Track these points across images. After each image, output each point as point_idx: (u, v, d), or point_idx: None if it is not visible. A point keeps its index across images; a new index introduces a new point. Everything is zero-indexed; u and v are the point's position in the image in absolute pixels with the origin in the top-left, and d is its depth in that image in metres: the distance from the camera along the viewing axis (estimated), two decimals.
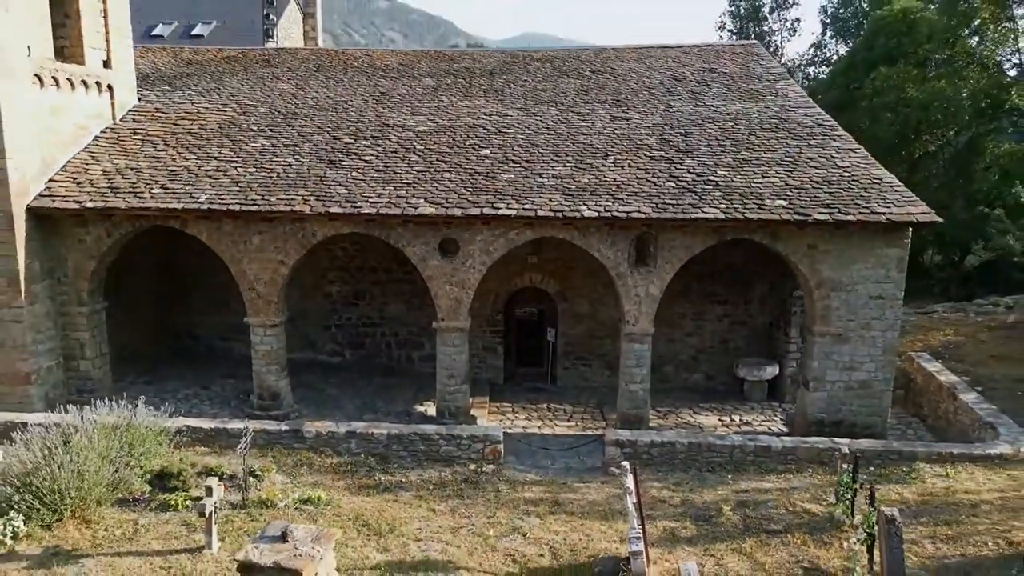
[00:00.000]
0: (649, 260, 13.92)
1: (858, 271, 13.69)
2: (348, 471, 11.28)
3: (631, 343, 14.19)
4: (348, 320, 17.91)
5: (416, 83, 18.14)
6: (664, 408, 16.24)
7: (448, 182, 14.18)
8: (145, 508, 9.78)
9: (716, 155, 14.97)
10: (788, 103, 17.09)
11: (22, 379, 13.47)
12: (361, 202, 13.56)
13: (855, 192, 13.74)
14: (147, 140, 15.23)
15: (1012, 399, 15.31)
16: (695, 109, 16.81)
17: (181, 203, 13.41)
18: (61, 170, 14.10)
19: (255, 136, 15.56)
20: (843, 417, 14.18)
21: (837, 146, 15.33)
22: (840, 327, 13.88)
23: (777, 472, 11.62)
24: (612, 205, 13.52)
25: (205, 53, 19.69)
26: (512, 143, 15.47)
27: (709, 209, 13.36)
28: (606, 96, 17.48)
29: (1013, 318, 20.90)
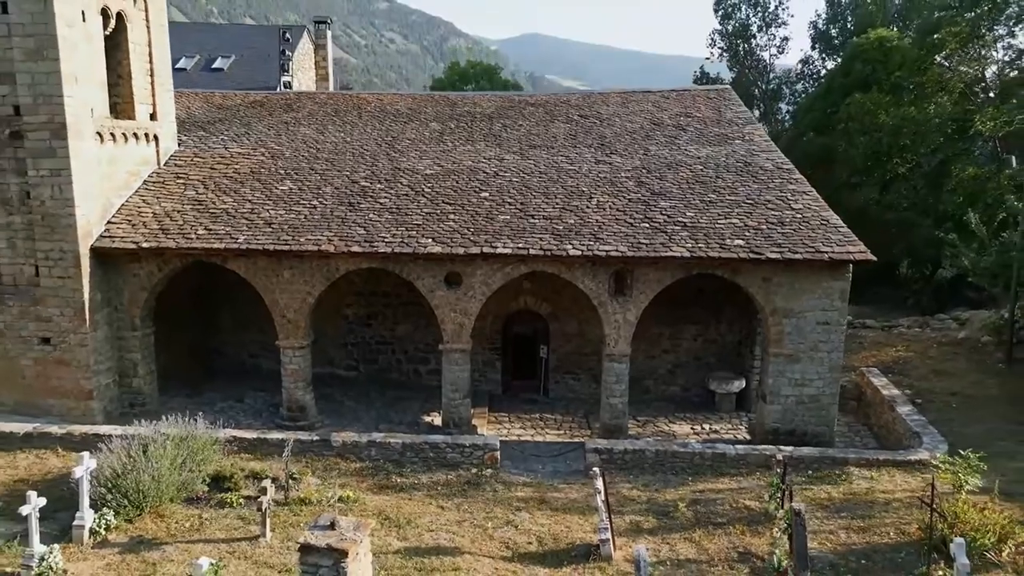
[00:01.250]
0: (626, 291, 16.09)
1: (807, 301, 15.85)
2: (370, 474, 13.47)
3: (611, 362, 16.37)
4: (363, 338, 20.07)
5: (423, 127, 20.33)
6: (643, 417, 18.38)
7: (452, 223, 16.37)
8: (206, 505, 11.96)
9: (686, 197, 17.15)
10: (753, 147, 19.28)
11: (85, 395, 15.64)
12: (378, 241, 15.75)
13: (804, 232, 15.93)
14: (189, 184, 17.43)
15: (945, 410, 17.54)
16: (670, 153, 19.00)
17: (223, 243, 15.60)
18: (117, 213, 16.28)
19: (283, 179, 17.75)
20: (796, 426, 16.33)
21: (793, 188, 17.52)
22: (792, 349, 16.04)
23: (730, 475, 13.81)
24: (594, 244, 15.71)
25: (233, 98, 21.90)
26: (508, 186, 17.65)
27: (677, 248, 15.54)
28: (592, 140, 19.68)
29: (963, 335, 23.09)
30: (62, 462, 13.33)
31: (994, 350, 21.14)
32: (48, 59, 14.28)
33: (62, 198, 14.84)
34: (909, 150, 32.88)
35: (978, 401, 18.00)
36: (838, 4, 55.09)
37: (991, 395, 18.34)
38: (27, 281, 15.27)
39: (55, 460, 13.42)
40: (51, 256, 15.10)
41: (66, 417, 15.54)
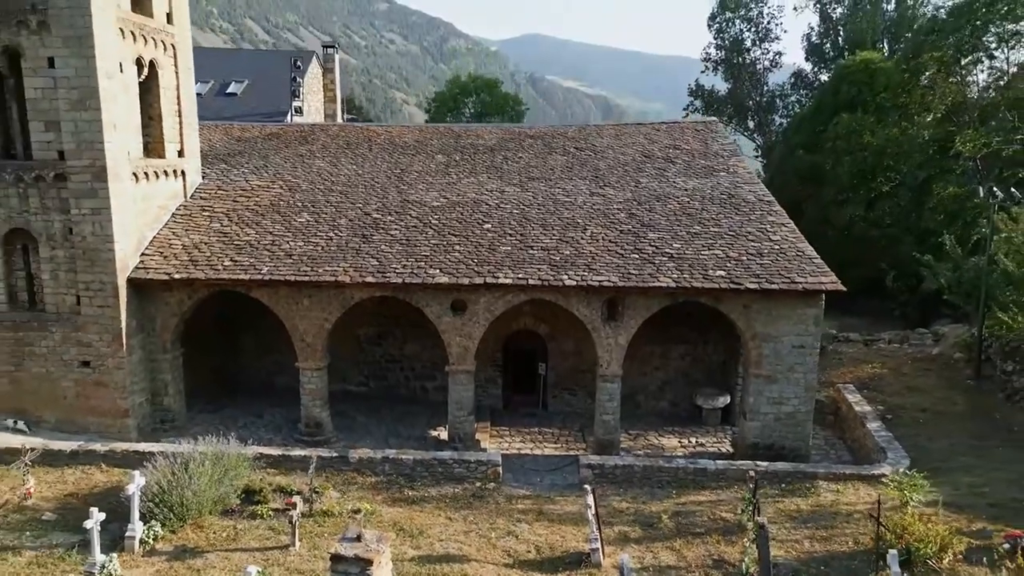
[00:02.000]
0: (618, 317, 17.51)
1: (783, 326, 17.27)
2: (384, 487, 14.89)
3: (604, 382, 17.80)
4: (373, 357, 21.48)
5: (430, 160, 21.76)
6: (635, 431, 19.78)
7: (458, 253, 17.79)
8: (239, 517, 13.37)
9: (673, 229, 18.58)
10: (737, 179, 20.72)
11: (122, 413, 17.07)
12: (390, 272, 17.17)
13: (781, 264, 17.36)
14: (214, 216, 18.86)
15: (913, 426, 18.96)
16: (659, 185, 20.43)
17: (248, 275, 17.03)
18: (150, 245, 17.71)
19: (300, 211, 19.18)
20: (774, 441, 17.76)
21: (772, 220, 18.96)
22: (770, 370, 17.47)
23: (711, 488, 15.24)
24: (588, 274, 17.14)
25: (251, 130, 23.33)
26: (509, 218, 19.08)
27: (664, 278, 16.98)
28: (587, 173, 21.11)
29: (937, 351, 24.52)
30: (106, 477, 14.75)
31: (964, 367, 22.55)
32: (91, 109, 15.70)
33: (102, 234, 16.27)
34: (893, 169, 34.31)
35: (945, 417, 19.41)
36: (830, 19, 56.52)
37: (957, 411, 19.75)
38: (69, 310, 16.69)
39: (100, 475, 14.83)
40: (91, 287, 16.52)
41: (104, 434, 16.96)
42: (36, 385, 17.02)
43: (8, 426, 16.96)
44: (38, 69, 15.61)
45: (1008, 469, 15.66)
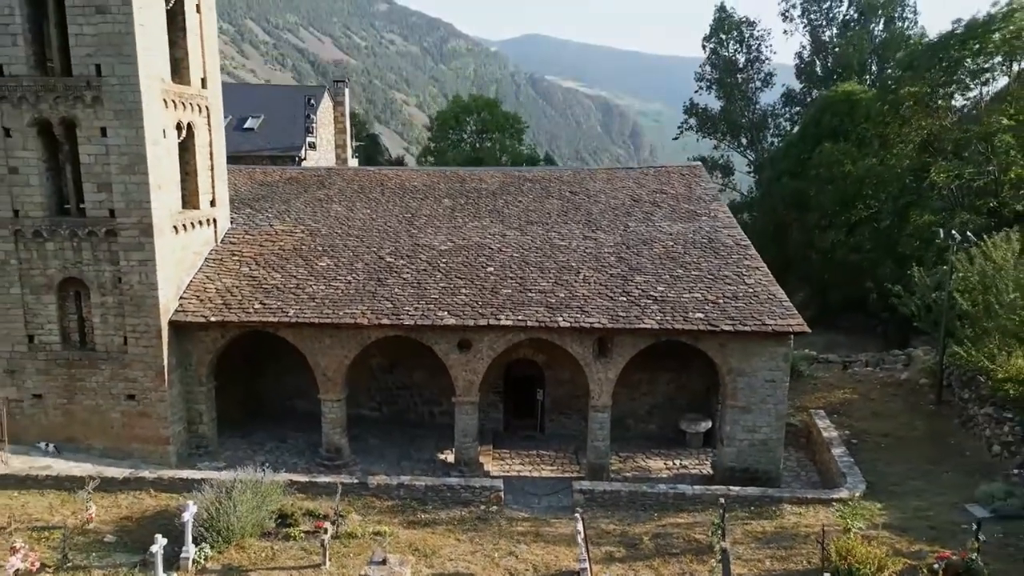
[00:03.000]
0: (608, 353, 19.50)
1: (756, 362, 19.27)
2: (399, 511, 16.88)
3: (595, 412, 19.79)
4: (385, 384, 23.47)
5: (437, 204, 23.76)
6: (625, 453, 21.77)
7: (464, 296, 19.79)
8: (275, 539, 15.35)
9: (658, 272, 20.58)
10: (717, 223, 22.71)
11: (163, 441, 19.07)
12: (403, 315, 19.17)
13: (754, 306, 19.36)
14: (243, 261, 20.85)
15: (875, 450, 20.97)
16: (647, 229, 22.43)
17: (276, 317, 19.02)
18: (187, 289, 19.70)
19: (321, 256, 21.18)
20: (748, 465, 19.76)
21: (747, 264, 20.95)
22: (744, 402, 19.47)
23: (688, 511, 17.22)
24: (580, 316, 19.14)
25: (272, 174, 25.34)
26: (510, 261, 21.07)
27: (648, 320, 18.98)
28: (580, 216, 23.11)
29: (905, 375, 26.51)
30: (155, 501, 16.74)
31: (928, 391, 24.52)
32: (138, 173, 17.70)
33: (147, 283, 18.27)
34: (872, 197, 36.35)
35: (905, 442, 21.41)
36: (820, 40, 58.49)
37: (917, 436, 21.74)
38: (117, 349, 18.69)
39: (150, 500, 16.81)
40: (138, 329, 18.52)
41: (146, 459, 18.98)
42: (87, 416, 19.01)
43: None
44: (92, 138, 17.60)
45: (952, 493, 17.64)
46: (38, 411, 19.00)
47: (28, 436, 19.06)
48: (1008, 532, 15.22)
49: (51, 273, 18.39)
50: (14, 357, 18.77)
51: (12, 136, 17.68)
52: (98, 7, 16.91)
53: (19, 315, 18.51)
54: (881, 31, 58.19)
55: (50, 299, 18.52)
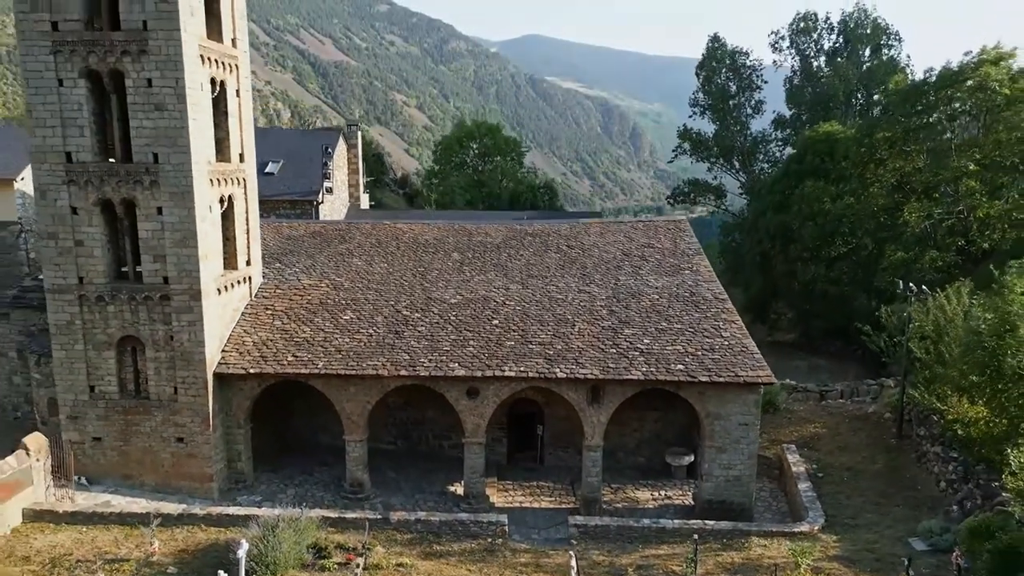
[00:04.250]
0: (600, 399, 22.07)
1: (731, 408, 21.83)
2: (417, 543, 19.44)
3: (588, 451, 22.36)
4: (400, 420, 26.01)
5: (447, 258, 26.32)
6: (616, 484, 24.30)
7: (472, 348, 22.36)
8: (313, 570, 17.90)
9: (645, 325, 23.14)
10: (699, 278, 25.29)
11: (207, 478, 21.64)
12: (418, 366, 21.74)
13: (729, 359, 21.92)
14: (275, 315, 23.43)
15: (838, 483, 23.53)
16: (635, 283, 25.00)
17: (307, 369, 21.59)
18: (228, 342, 22.27)
19: (345, 309, 23.75)
20: (725, 499, 22.31)
21: (724, 318, 23.52)
22: (721, 442, 22.03)
23: (669, 543, 19.77)
24: (575, 368, 21.71)
25: (297, 227, 27.91)
26: (513, 314, 23.64)
27: (635, 371, 21.55)
28: (576, 270, 25.68)
29: (872, 409, 29.09)
30: (206, 535, 19.29)
31: (891, 425, 27.08)
32: (189, 246, 20.27)
33: (196, 340, 20.84)
34: (850, 234, 38.89)
35: (865, 475, 23.98)
36: (809, 71, 61.08)
37: (876, 469, 24.32)
38: (168, 398, 21.26)
39: (201, 534, 19.36)
40: (187, 381, 21.09)
41: (192, 494, 21.55)
42: (140, 456, 21.59)
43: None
44: (149, 216, 20.17)
45: (900, 527, 20.22)
46: (97, 452, 21.56)
47: (88, 474, 21.61)
48: (941, 564, 17.77)
49: (111, 332, 20.95)
50: (77, 405, 21.33)
51: (79, 214, 20.23)
52: (156, 105, 19.47)
53: (82, 368, 21.07)
54: (868, 57, 60.89)
55: (110, 354, 21.08)
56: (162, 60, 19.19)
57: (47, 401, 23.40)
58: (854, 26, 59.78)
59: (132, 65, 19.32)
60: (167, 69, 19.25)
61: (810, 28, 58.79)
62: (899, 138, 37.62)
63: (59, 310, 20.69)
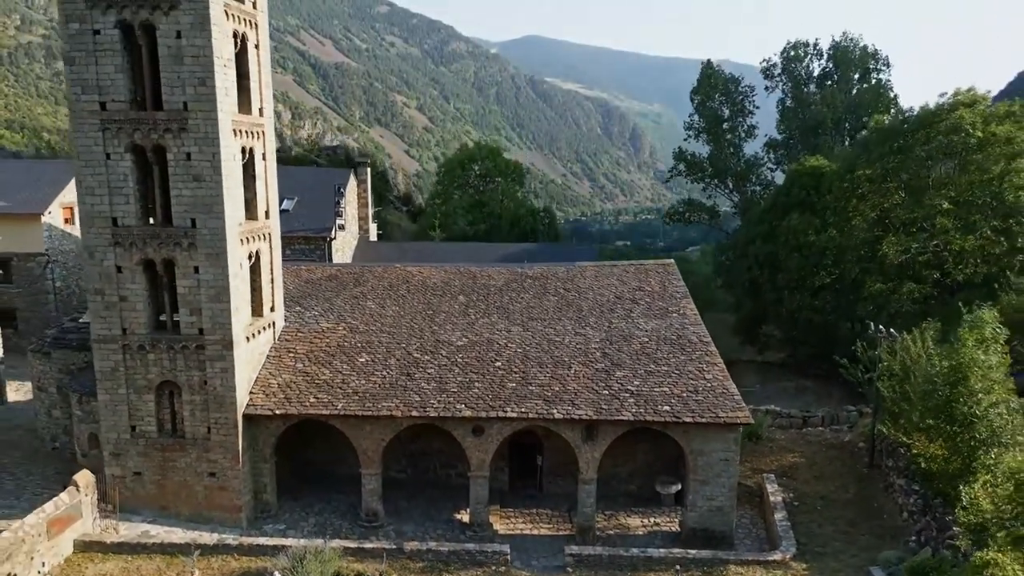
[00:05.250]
0: (594, 437, 24.25)
1: (713, 445, 24.00)
2: (428, 571, 21.63)
3: (583, 484, 24.53)
4: (410, 451, 28.15)
5: (453, 301, 28.51)
6: (609, 512, 26.45)
7: (477, 389, 24.54)
8: None
9: (635, 368, 25.32)
10: (686, 321, 27.48)
11: (237, 509, 23.82)
12: (428, 407, 23.92)
13: (711, 400, 24.11)
14: (297, 358, 25.61)
15: (811, 512, 25.73)
16: (627, 326, 27.19)
17: (328, 410, 23.78)
18: (255, 384, 24.44)
19: (360, 352, 25.93)
20: (708, 527, 24.48)
21: (708, 360, 25.71)
22: (704, 476, 24.21)
23: (656, 570, 21.96)
24: (571, 409, 23.90)
25: (314, 271, 30.10)
26: (514, 356, 25.82)
27: (626, 412, 23.74)
28: (572, 313, 27.87)
29: (848, 438, 31.29)
30: (239, 564, 21.47)
31: (864, 455, 29.29)
32: (223, 301, 22.44)
33: (227, 385, 23.02)
34: (833, 266, 41.03)
35: (837, 504, 26.18)
36: (800, 97, 63.29)
37: (847, 499, 26.52)
38: (202, 437, 23.44)
39: (235, 562, 21.55)
40: (219, 421, 23.27)
41: (223, 523, 23.72)
42: (176, 489, 23.77)
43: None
44: (187, 274, 22.35)
45: (863, 556, 22.42)
46: (137, 485, 23.74)
47: (128, 506, 23.78)
48: None
49: (151, 377, 23.12)
50: (120, 443, 23.50)
51: (123, 272, 22.40)
52: (195, 176, 21.65)
53: (124, 410, 23.24)
54: (857, 81, 63.14)
55: (149, 397, 23.26)
56: (200, 137, 21.36)
57: (87, 436, 25.57)
58: (842, 54, 62.01)
59: (173, 141, 21.49)
60: (205, 144, 21.43)
61: (800, 56, 60.89)
62: (879, 176, 39.76)
63: (104, 358, 22.85)
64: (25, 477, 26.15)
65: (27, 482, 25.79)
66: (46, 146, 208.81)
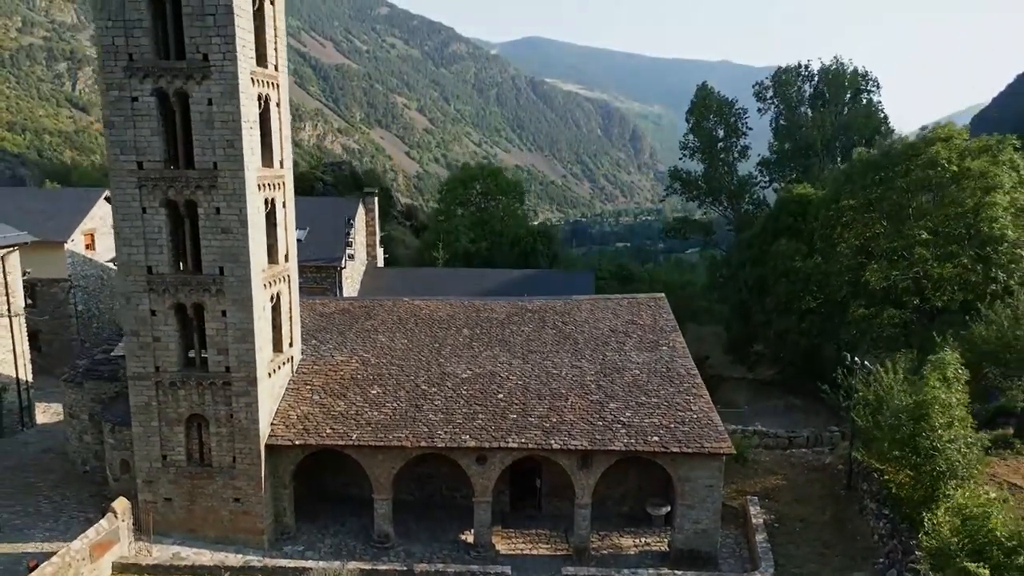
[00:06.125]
0: (588, 465, 26.27)
1: (699, 472, 26.00)
2: None
3: (579, 508, 26.55)
4: (417, 475, 30.10)
5: (458, 334, 30.54)
6: (603, 532, 28.42)
7: (480, 421, 26.57)
8: None
9: (626, 400, 27.34)
10: (675, 354, 29.51)
11: (259, 532, 25.85)
12: (436, 438, 25.94)
13: (697, 431, 26.13)
14: (314, 390, 27.64)
15: (790, 534, 27.76)
16: (619, 358, 29.21)
17: (343, 441, 25.80)
18: (275, 416, 26.46)
19: (373, 384, 27.96)
20: (694, 548, 26.49)
21: (695, 392, 27.73)
22: (690, 500, 26.23)
23: None
24: (568, 439, 25.92)
25: (328, 305, 32.13)
26: (515, 388, 27.84)
27: (618, 443, 25.76)
28: (569, 346, 29.89)
29: (828, 460, 33.32)
30: None
31: (842, 477, 31.31)
32: (248, 342, 24.46)
33: (251, 418, 25.04)
34: (818, 292, 43.09)
35: (814, 526, 28.21)
36: (792, 119, 65.41)
37: (824, 521, 28.54)
38: (227, 465, 25.46)
39: None
40: (243, 451, 25.29)
41: (247, 545, 25.73)
42: (203, 514, 25.79)
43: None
44: (215, 317, 24.37)
45: None
46: (168, 510, 25.77)
47: (159, 529, 25.80)
48: None
49: (181, 411, 25.14)
50: (152, 471, 25.52)
51: (156, 315, 24.42)
52: (223, 228, 23.67)
53: (156, 441, 25.26)
54: (848, 101, 65.26)
55: (180, 429, 25.28)
56: (229, 193, 23.38)
57: (119, 462, 27.59)
58: (834, 76, 64.11)
59: (204, 197, 23.51)
60: (233, 200, 23.45)
61: (791, 81, 62.94)
62: (862, 205, 41.78)
63: (139, 393, 24.88)
64: (61, 500, 28.17)
65: (63, 505, 27.82)
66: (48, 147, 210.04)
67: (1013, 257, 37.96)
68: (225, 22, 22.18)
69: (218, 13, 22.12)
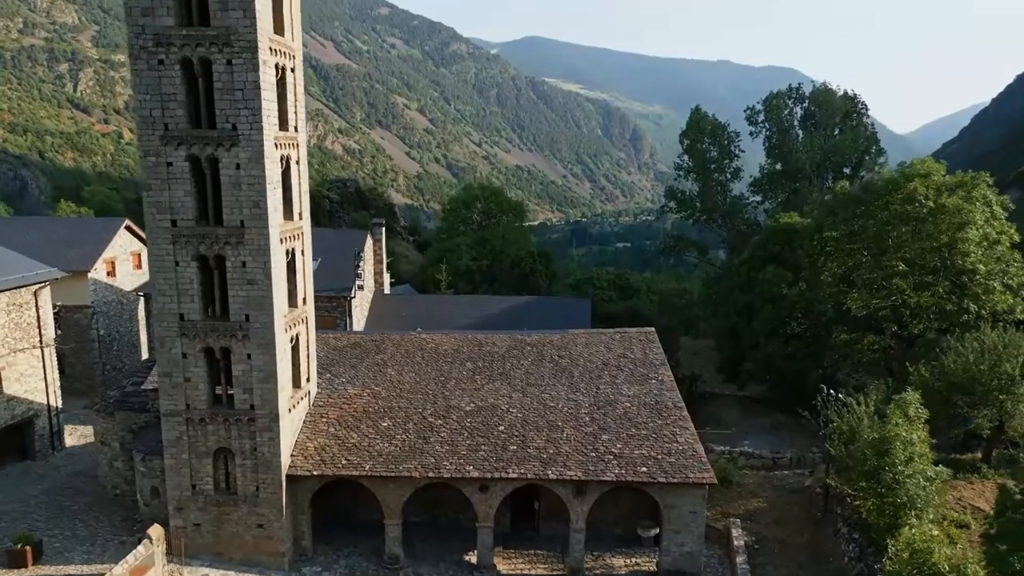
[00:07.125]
0: (583, 493, 28.59)
1: (684, 499, 28.33)
2: None
3: (574, 533, 28.87)
4: (424, 499, 32.30)
5: (462, 367, 32.85)
6: (596, 552, 30.75)
7: (483, 452, 28.88)
8: None
9: (618, 432, 29.66)
10: (663, 387, 31.82)
11: (280, 555, 28.17)
12: (442, 468, 28.26)
13: (682, 461, 28.45)
14: (329, 422, 29.96)
15: (769, 555, 30.09)
16: (612, 391, 31.53)
17: (357, 471, 28.11)
18: (295, 447, 28.77)
19: (383, 416, 30.28)
20: (680, 569, 28.82)
21: (681, 425, 30.04)
22: (676, 525, 28.56)
23: None
24: (564, 470, 28.23)
25: (341, 339, 34.43)
26: (515, 421, 30.16)
27: (609, 473, 28.07)
28: (565, 379, 32.21)
29: (808, 482, 35.64)
30: None
31: (819, 500, 33.64)
32: (271, 382, 26.77)
33: (273, 451, 27.36)
34: (803, 318, 45.40)
35: (792, 548, 30.52)
36: (784, 142, 67.68)
37: (801, 543, 30.86)
38: (251, 494, 27.77)
39: None
40: (266, 481, 27.61)
41: (268, 566, 28.06)
42: (229, 538, 28.11)
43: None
44: (241, 360, 26.67)
45: None
46: (196, 535, 28.09)
47: (188, 552, 28.13)
48: None
49: (209, 444, 27.46)
50: (182, 499, 27.84)
51: (187, 358, 26.72)
52: (249, 280, 25.98)
53: (186, 472, 27.58)
54: (839, 123, 67.55)
55: (208, 461, 27.60)
56: (255, 248, 25.67)
57: (149, 489, 29.91)
58: (822, 100, 66.38)
59: (231, 251, 25.80)
60: (258, 255, 25.74)
61: (782, 106, 65.20)
62: (844, 237, 44.08)
63: (171, 428, 27.19)
64: (95, 524, 30.49)
65: (98, 528, 30.15)
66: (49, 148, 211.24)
67: (986, 288, 40.23)
68: (252, 96, 24.45)
69: (246, 88, 24.38)
